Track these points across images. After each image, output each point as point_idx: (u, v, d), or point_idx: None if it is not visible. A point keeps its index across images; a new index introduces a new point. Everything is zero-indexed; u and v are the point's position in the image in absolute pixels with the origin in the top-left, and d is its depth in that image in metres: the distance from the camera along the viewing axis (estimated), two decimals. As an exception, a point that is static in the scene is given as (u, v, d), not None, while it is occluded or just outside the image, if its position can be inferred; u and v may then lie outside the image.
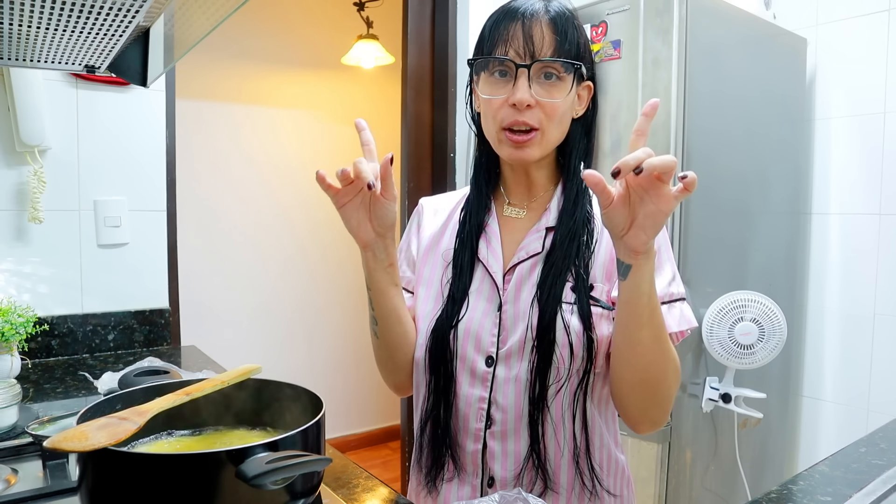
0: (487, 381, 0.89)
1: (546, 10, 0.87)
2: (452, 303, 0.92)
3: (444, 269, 0.96)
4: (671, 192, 0.67)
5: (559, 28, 0.86)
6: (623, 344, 0.82)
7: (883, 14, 1.97)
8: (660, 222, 0.70)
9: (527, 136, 0.87)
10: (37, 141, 1.52)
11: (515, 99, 0.85)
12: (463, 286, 0.92)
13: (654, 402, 0.86)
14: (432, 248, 0.99)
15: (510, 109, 0.86)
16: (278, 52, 3.27)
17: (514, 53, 0.86)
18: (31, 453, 0.91)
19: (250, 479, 0.59)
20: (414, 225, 1.05)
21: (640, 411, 0.87)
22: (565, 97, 0.87)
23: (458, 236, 0.95)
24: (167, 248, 1.77)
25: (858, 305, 2.06)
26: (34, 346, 1.54)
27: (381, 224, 0.85)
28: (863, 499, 0.83)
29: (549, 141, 0.89)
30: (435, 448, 0.93)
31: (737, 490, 1.86)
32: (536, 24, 0.85)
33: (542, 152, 0.89)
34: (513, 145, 0.88)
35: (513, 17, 0.86)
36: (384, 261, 0.89)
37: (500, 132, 0.88)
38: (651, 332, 0.79)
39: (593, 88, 0.93)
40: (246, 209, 3.26)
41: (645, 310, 0.77)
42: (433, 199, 1.07)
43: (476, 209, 0.95)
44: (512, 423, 0.88)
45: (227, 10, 0.77)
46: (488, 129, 0.91)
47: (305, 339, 3.42)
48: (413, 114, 2.17)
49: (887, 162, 1.98)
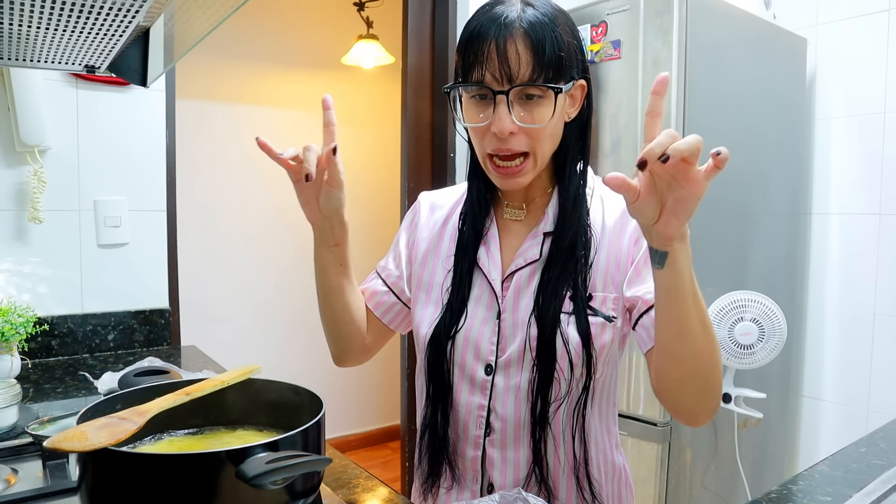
0: (486, 390, 0.89)
1: (521, 19, 0.80)
2: (451, 312, 0.91)
3: (444, 275, 0.95)
4: (701, 173, 0.63)
5: (536, 42, 0.79)
6: (671, 337, 0.76)
7: (883, 14, 1.97)
8: (692, 206, 0.65)
9: (516, 166, 0.84)
10: (37, 141, 1.52)
11: (496, 129, 0.81)
12: (462, 296, 0.91)
13: (709, 392, 0.80)
14: (432, 252, 0.98)
15: (493, 137, 0.83)
16: (278, 52, 3.27)
17: (491, 77, 0.80)
18: (31, 453, 0.91)
19: (250, 479, 0.59)
20: (408, 221, 1.05)
21: (696, 403, 0.81)
22: (550, 118, 0.82)
23: (457, 243, 0.95)
24: (167, 248, 1.77)
25: (858, 306, 2.06)
26: (34, 346, 1.54)
27: (326, 207, 0.87)
28: (863, 499, 0.83)
29: (541, 161, 0.86)
30: (432, 456, 0.93)
31: (737, 490, 1.86)
32: (511, 43, 0.79)
33: (531, 175, 0.87)
34: (500, 176, 0.86)
35: (485, 36, 0.80)
36: (329, 240, 0.91)
37: (487, 159, 0.86)
38: (698, 318, 0.74)
39: (587, 86, 0.88)
40: (246, 209, 3.26)
41: (689, 296, 0.73)
42: (432, 194, 1.06)
43: (475, 214, 0.94)
44: (511, 432, 0.88)
45: (226, 11, 0.77)
46: (477, 152, 0.89)
47: (305, 339, 3.41)
48: (413, 114, 2.17)
49: (887, 162, 1.99)
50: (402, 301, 1.02)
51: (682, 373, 0.79)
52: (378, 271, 1.05)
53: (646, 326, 0.85)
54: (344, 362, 1.05)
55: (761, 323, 1.65)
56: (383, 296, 1.03)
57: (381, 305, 1.03)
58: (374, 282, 1.04)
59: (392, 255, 1.04)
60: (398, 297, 1.02)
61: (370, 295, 1.03)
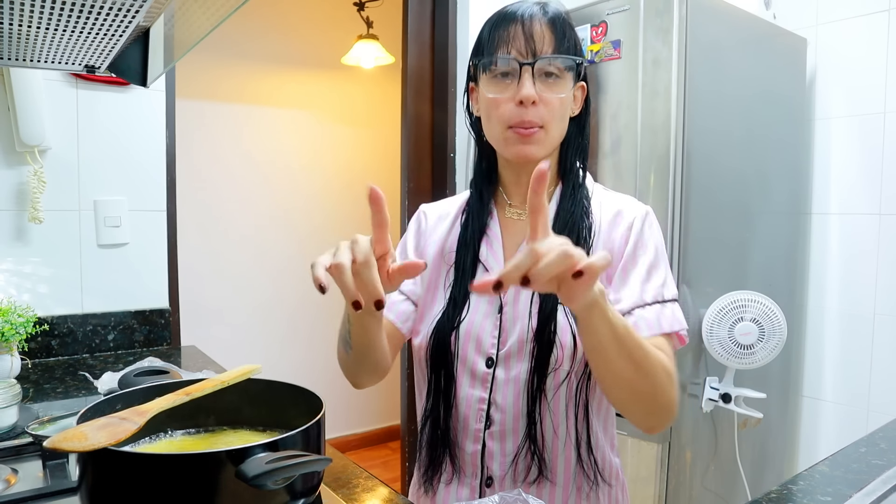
0: (487, 383, 0.90)
1: (543, 12, 0.89)
2: (454, 305, 0.92)
3: (446, 271, 0.96)
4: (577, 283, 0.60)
5: (557, 28, 0.88)
6: (601, 371, 0.78)
7: (883, 14, 1.97)
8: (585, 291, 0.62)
9: (534, 131, 0.88)
10: (37, 141, 1.52)
11: (522, 95, 0.86)
12: (464, 289, 0.93)
13: (654, 410, 0.82)
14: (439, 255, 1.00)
15: (516, 108, 0.88)
16: (278, 52, 3.27)
17: (517, 52, 0.88)
18: (31, 453, 0.90)
19: (250, 479, 0.59)
20: (414, 229, 1.05)
21: (643, 418, 0.84)
22: (567, 90, 0.90)
23: (459, 239, 0.96)
24: (167, 248, 1.77)
25: (858, 305, 2.06)
26: (34, 346, 1.54)
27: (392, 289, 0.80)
28: (863, 499, 0.83)
29: (551, 138, 0.91)
30: (432, 449, 0.94)
31: (737, 490, 1.86)
32: (536, 25, 0.88)
33: (545, 151, 0.91)
34: (520, 140, 0.89)
35: (512, 19, 0.89)
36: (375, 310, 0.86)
37: (505, 131, 0.90)
38: (625, 362, 0.75)
39: (586, 89, 0.96)
40: (246, 209, 3.26)
41: (610, 346, 0.73)
42: (434, 205, 1.07)
43: (478, 212, 0.97)
44: (510, 423, 0.89)
45: (226, 11, 0.77)
46: (492, 130, 0.92)
47: (305, 339, 3.41)
48: (413, 114, 2.16)
49: (887, 162, 1.98)
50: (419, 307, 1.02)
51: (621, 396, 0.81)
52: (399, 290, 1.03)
53: None
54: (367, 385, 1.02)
55: (761, 323, 1.65)
56: (401, 304, 1.01)
57: (402, 315, 1.00)
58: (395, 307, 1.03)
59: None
60: (415, 305, 1.01)
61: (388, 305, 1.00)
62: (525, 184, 0.96)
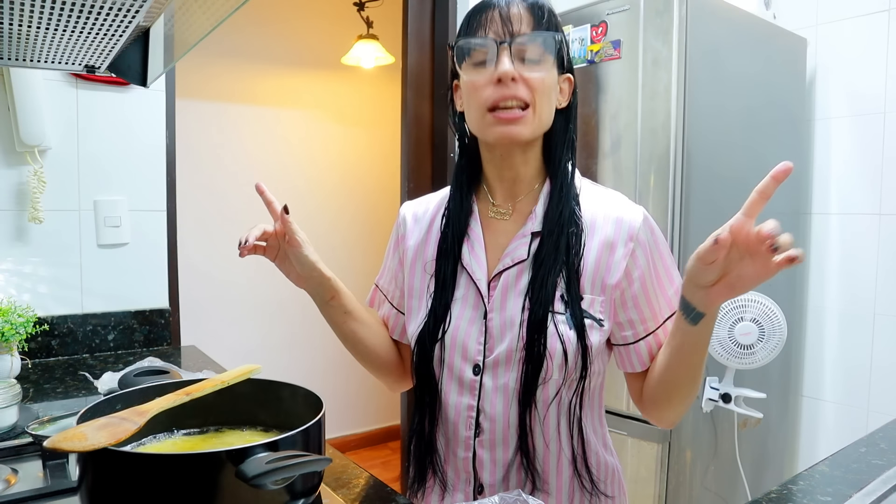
0: (475, 390, 0.88)
1: None
2: (434, 317, 0.90)
3: (429, 279, 0.94)
4: (775, 262, 0.67)
5: (536, 11, 0.86)
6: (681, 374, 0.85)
7: (883, 14, 1.97)
8: (751, 286, 0.70)
9: (517, 113, 0.85)
10: (37, 141, 1.52)
11: (499, 72, 0.83)
12: (445, 299, 0.90)
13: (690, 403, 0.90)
14: (418, 258, 0.97)
15: (495, 88, 0.84)
16: (278, 52, 3.27)
17: (494, 34, 0.85)
18: (31, 453, 0.91)
19: (250, 479, 0.59)
20: (394, 240, 1.04)
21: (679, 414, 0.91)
22: (549, 72, 0.86)
23: (439, 247, 0.93)
24: (167, 248, 1.77)
25: (858, 305, 2.06)
26: (34, 346, 1.54)
27: (302, 269, 0.94)
28: (863, 499, 0.83)
29: (539, 118, 0.86)
30: (418, 460, 0.94)
31: (737, 490, 1.86)
32: (514, 8, 0.86)
33: (532, 132, 0.86)
34: (500, 123, 0.85)
35: (490, 6, 0.87)
36: (324, 296, 0.96)
37: (485, 115, 0.86)
38: (699, 362, 0.83)
39: (573, 81, 0.92)
40: (246, 209, 3.25)
41: (706, 345, 0.81)
42: (413, 204, 1.04)
43: (458, 214, 0.93)
44: (500, 433, 0.88)
45: (227, 10, 0.77)
46: (473, 117, 0.88)
47: (305, 339, 3.41)
48: (413, 114, 2.17)
49: (887, 162, 1.98)
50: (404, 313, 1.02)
51: (678, 394, 0.87)
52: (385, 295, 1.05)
53: (638, 351, 0.90)
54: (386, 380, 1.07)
55: (761, 323, 1.65)
56: (384, 304, 1.05)
57: (388, 317, 1.04)
58: (384, 306, 1.05)
59: (390, 274, 1.04)
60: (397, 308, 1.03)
61: (385, 318, 1.05)
62: (509, 178, 0.92)
